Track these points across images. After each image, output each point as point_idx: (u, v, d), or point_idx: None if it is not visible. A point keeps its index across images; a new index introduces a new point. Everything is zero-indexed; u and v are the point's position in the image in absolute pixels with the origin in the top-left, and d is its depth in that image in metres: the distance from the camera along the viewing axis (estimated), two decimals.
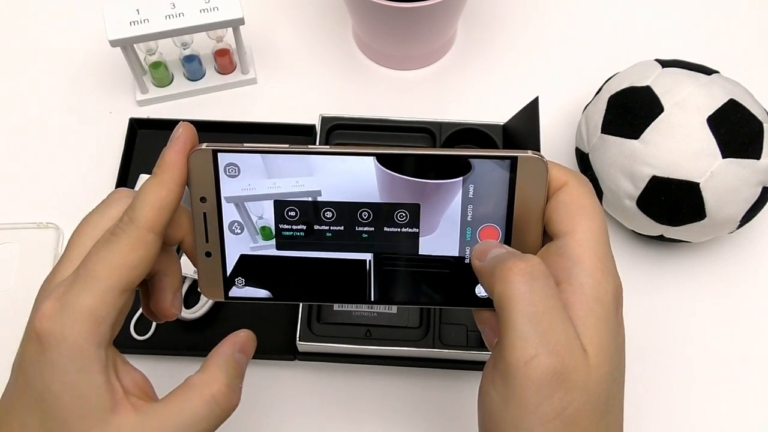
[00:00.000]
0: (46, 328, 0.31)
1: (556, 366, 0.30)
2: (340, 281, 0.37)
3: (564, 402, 0.30)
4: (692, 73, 0.57)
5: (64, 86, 0.71)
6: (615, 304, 0.33)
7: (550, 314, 0.31)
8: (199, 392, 0.34)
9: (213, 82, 0.71)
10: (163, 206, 0.33)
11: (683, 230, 0.56)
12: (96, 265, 0.32)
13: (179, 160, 0.34)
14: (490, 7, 0.76)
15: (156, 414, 0.33)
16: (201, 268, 0.37)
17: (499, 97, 0.70)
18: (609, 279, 0.33)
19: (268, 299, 0.37)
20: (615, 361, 0.32)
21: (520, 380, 0.30)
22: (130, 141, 0.66)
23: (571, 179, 0.35)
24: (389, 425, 0.56)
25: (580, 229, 0.33)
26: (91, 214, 0.36)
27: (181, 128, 0.34)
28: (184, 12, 0.62)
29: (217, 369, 0.35)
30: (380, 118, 0.64)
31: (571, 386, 0.30)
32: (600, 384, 0.31)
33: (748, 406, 0.57)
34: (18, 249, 0.62)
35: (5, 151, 0.68)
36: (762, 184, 0.55)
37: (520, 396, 0.30)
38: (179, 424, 0.33)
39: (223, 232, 0.36)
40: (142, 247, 0.33)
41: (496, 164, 0.34)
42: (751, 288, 0.61)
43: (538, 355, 0.30)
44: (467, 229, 0.36)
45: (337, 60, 0.73)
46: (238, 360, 0.36)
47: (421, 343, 0.55)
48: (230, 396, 0.34)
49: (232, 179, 0.35)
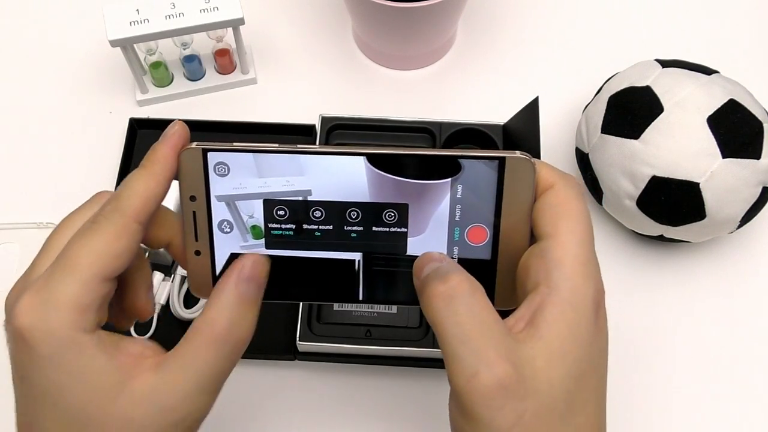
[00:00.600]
0: (27, 325, 0.30)
1: (499, 378, 0.30)
2: (329, 280, 0.37)
3: (518, 411, 0.30)
4: (692, 73, 0.57)
5: (64, 86, 0.71)
6: (594, 308, 0.32)
7: (479, 329, 0.31)
8: (203, 336, 0.33)
9: (213, 82, 0.71)
10: (151, 197, 0.33)
11: (683, 230, 0.56)
12: (78, 252, 0.31)
13: (170, 155, 0.34)
14: (490, 7, 0.76)
15: (170, 368, 0.32)
16: (191, 267, 0.36)
17: (499, 97, 0.70)
18: (589, 283, 0.32)
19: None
20: (579, 362, 0.32)
21: (467, 399, 0.30)
22: (130, 141, 0.66)
23: (558, 181, 0.34)
24: (389, 425, 0.56)
25: (563, 232, 0.33)
26: (72, 214, 0.35)
27: (175, 126, 0.34)
28: (184, 12, 0.62)
29: (215, 309, 0.33)
30: (380, 118, 0.64)
31: (522, 394, 0.30)
32: (554, 387, 0.31)
33: (749, 405, 0.57)
34: (18, 249, 0.62)
35: (5, 151, 0.68)
36: (762, 184, 0.55)
37: (472, 414, 0.30)
38: (195, 372, 0.32)
39: (213, 231, 0.36)
40: (127, 236, 0.32)
41: (485, 164, 0.34)
42: (751, 288, 0.61)
43: (477, 372, 0.30)
44: (455, 229, 0.36)
45: (337, 60, 0.73)
46: (243, 292, 0.34)
47: (421, 343, 0.55)
48: (235, 332, 0.33)
49: (222, 178, 0.35)
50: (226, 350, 0.33)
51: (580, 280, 0.32)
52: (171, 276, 0.58)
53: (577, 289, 0.32)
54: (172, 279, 0.58)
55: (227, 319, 0.33)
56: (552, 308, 0.32)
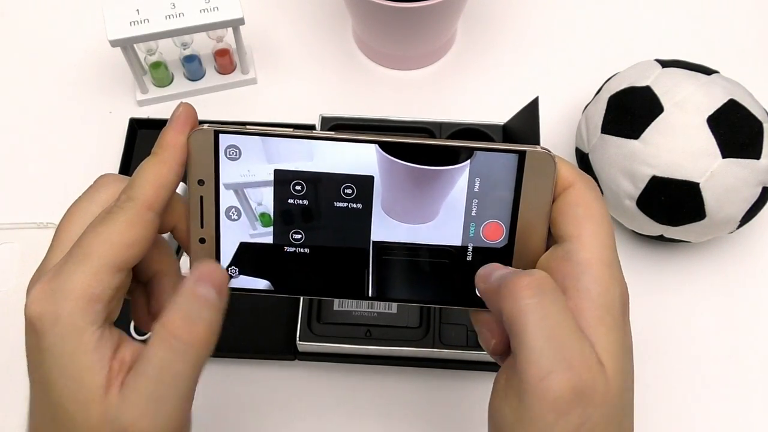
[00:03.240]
0: (38, 312, 0.30)
1: (573, 382, 0.29)
2: (338, 274, 0.36)
3: (582, 418, 0.29)
4: (692, 73, 0.57)
5: (64, 86, 0.71)
6: (622, 309, 0.32)
7: (562, 328, 0.30)
8: (158, 335, 0.31)
9: (213, 82, 0.71)
10: (163, 184, 0.32)
11: (683, 230, 0.56)
12: (91, 241, 0.31)
13: (179, 139, 0.33)
14: (490, 7, 0.76)
15: (135, 373, 0.31)
16: (194, 255, 0.36)
17: (499, 97, 0.70)
18: (616, 285, 0.32)
19: (266, 291, 0.36)
20: (627, 369, 0.32)
21: (535, 398, 0.29)
22: (130, 141, 0.66)
23: (578, 180, 0.34)
24: (389, 425, 0.56)
25: (587, 234, 0.32)
26: (79, 200, 0.34)
27: (180, 107, 0.34)
28: (184, 12, 0.62)
29: (170, 308, 0.31)
30: (380, 118, 0.64)
31: (588, 402, 0.29)
32: (616, 396, 0.31)
33: (749, 405, 0.57)
34: (18, 249, 0.62)
35: (5, 151, 0.68)
36: (762, 184, 0.55)
37: (535, 414, 0.29)
38: (154, 374, 0.30)
39: (219, 218, 0.35)
40: (140, 225, 0.32)
41: (504, 158, 0.33)
42: (751, 288, 0.61)
43: (553, 371, 0.29)
44: (471, 225, 0.35)
45: (337, 60, 0.73)
46: (201, 294, 0.32)
47: (421, 343, 0.55)
48: (190, 329, 0.31)
49: (232, 162, 0.34)
50: (181, 348, 0.31)
51: (608, 282, 0.32)
52: None
53: (607, 292, 0.32)
54: None
55: (181, 316, 0.31)
56: (589, 313, 0.31)
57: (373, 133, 0.34)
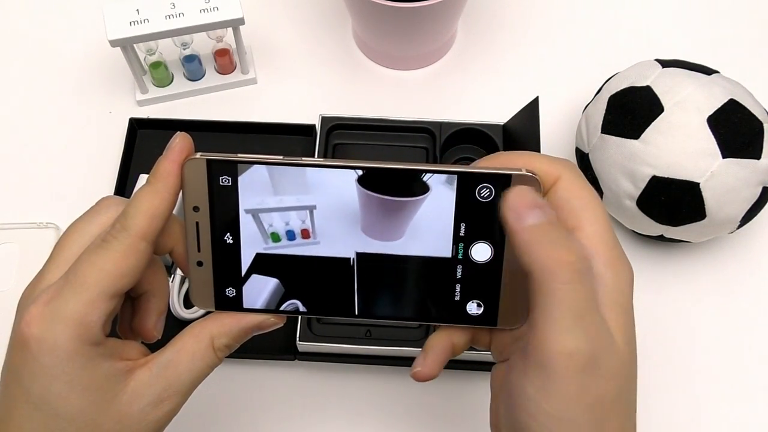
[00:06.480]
0: (35, 334, 0.32)
1: (596, 356, 0.31)
2: (327, 290, 0.37)
3: (603, 390, 0.31)
4: (692, 73, 0.57)
5: (64, 86, 0.71)
6: (630, 291, 0.34)
7: (590, 309, 0.31)
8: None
9: (213, 82, 0.71)
10: (156, 215, 0.34)
11: (683, 230, 0.56)
12: (86, 270, 0.33)
13: (174, 169, 0.34)
14: (490, 7, 0.76)
15: (162, 361, 0.35)
16: (192, 277, 0.36)
17: (499, 97, 0.70)
18: (625, 268, 0.34)
19: (264, 311, 0.37)
20: (634, 348, 0.34)
21: (562, 372, 0.30)
22: (130, 141, 0.66)
23: (564, 172, 0.34)
24: (389, 425, 0.56)
25: (587, 223, 0.33)
26: (79, 221, 0.36)
27: (177, 138, 0.35)
28: (184, 12, 0.62)
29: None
30: (380, 118, 0.64)
31: (607, 374, 0.31)
32: (628, 370, 0.33)
33: (749, 405, 0.57)
34: (18, 249, 0.62)
35: (5, 151, 0.68)
36: (762, 184, 0.55)
37: (562, 387, 0.31)
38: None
39: (215, 242, 0.36)
40: (134, 255, 0.33)
41: (490, 181, 0.34)
42: (751, 288, 0.61)
43: (579, 347, 0.30)
44: (459, 246, 0.35)
45: (337, 60, 0.73)
46: (223, 344, 0.37)
47: (421, 343, 0.55)
48: None
49: (226, 189, 0.35)
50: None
51: (618, 265, 0.33)
52: (171, 276, 0.58)
53: (618, 276, 0.33)
54: (172, 279, 0.58)
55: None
56: (605, 297, 0.33)
57: (357, 160, 0.34)
